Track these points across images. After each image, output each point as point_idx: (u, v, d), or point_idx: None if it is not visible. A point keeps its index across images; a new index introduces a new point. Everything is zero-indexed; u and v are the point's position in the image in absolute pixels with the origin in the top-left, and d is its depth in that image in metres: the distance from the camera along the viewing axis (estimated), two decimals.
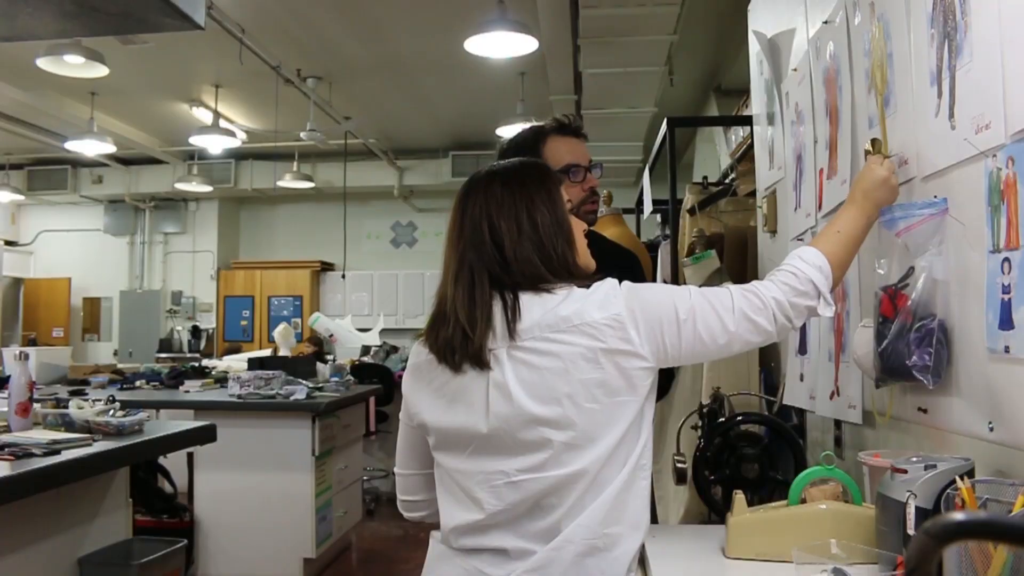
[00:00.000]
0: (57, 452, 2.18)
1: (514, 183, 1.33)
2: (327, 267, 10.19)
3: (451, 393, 1.29)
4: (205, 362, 6.08)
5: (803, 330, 2.08)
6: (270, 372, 4.28)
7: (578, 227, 1.37)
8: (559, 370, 1.22)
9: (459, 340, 1.26)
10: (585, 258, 1.36)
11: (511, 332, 1.24)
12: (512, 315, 1.24)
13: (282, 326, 6.76)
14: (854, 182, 1.47)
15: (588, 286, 1.28)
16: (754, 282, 1.32)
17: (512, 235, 1.28)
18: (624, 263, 1.96)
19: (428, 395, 1.32)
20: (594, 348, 1.21)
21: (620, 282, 1.29)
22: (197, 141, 7.01)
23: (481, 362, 1.24)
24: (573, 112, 6.68)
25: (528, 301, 1.26)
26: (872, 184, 1.42)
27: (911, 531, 1.12)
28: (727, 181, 3.62)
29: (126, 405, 2.73)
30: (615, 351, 1.22)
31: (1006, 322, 1.14)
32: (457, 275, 1.29)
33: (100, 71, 5.24)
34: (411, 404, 1.36)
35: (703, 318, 1.25)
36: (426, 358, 1.33)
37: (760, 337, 1.29)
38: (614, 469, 1.23)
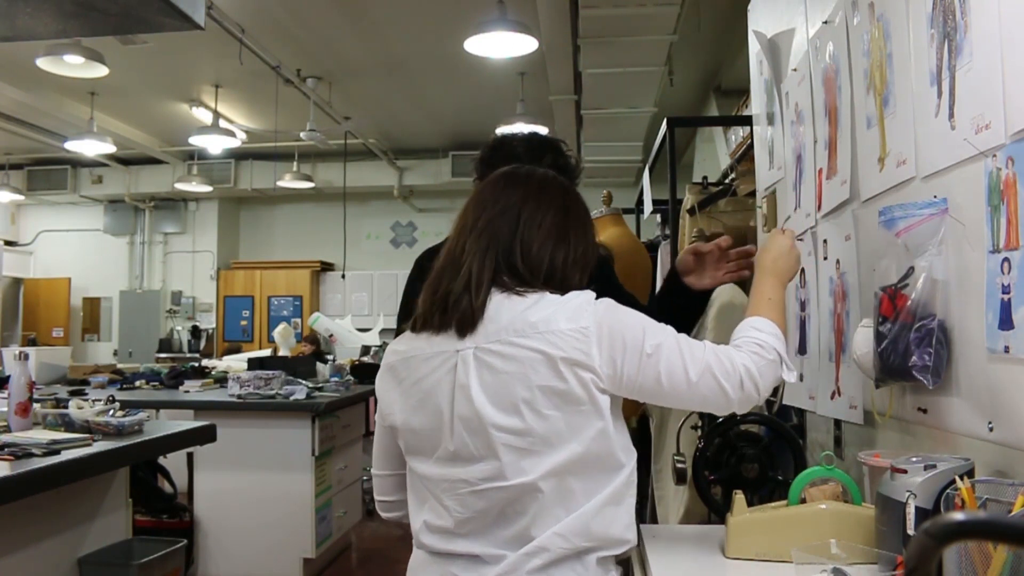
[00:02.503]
0: (57, 452, 2.18)
1: (573, 193, 1.40)
2: (327, 267, 10.19)
3: (420, 393, 1.28)
4: (205, 362, 6.08)
5: (803, 330, 2.08)
6: (270, 372, 4.27)
7: None
8: (519, 375, 1.21)
9: (459, 292, 1.26)
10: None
11: (474, 320, 1.24)
12: (481, 302, 1.25)
13: (282, 326, 6.76)
14: (760, 253, 1.52)
15: (563, 293, 1.28)
16: (725, 347, 1.29)
17: (549, 231, 1.31)
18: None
19: (399, 395, 1.32)
20: (554, 356, 1.20)
21: (598, 296, 1.29)
22: (197, 141, 7.01)
23: (472, 324, 1.24)
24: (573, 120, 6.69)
25: (499, 302, 1.26)
26: (779, 253, 1.48)
27: (911, 531, 1.12)
28: (727, 181, 3.62)
29: (126, 405, 2.73)
30: (574, 361, 1.20)
31: (1006, 322, 1.14)
32: (479, 236, 1.31)
33: (100, 71, 5.24)
34: (384, 404, 1.36)
35: (667, 359, 1.23)
36: (400, 358, 1.33)
37: (719, 399, 1.25)
38: (590, 483, 1.22)
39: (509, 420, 1.20)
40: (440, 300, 1.28)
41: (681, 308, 1.80)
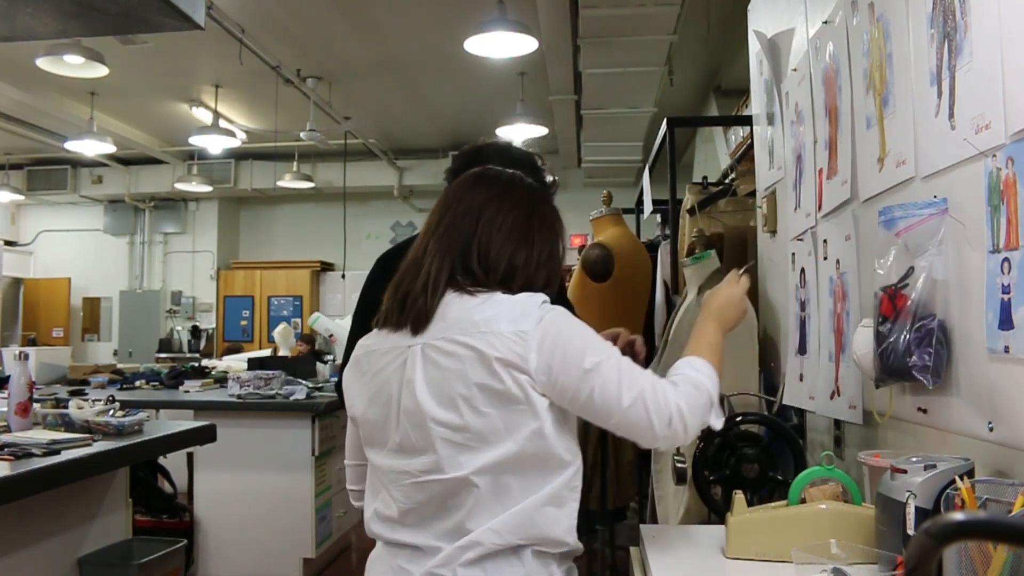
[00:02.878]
0: (57, 452, 2.18)
1: (542, 194, 1.40)
2: (327, 267, 10.19)
3: (375, 386, 1.32)
4: (205, 362, 6.07)
5: (803, 330, 2.08)
6: (270, 372, 4.27)
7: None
8: (459, 371, 1.24)
9: (417, 293, 1.29)
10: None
11: (426, 317, 1.27)
12: (432, 302, 1.28)
13: (282, 326, 6.76)
14: (710, 296, 1.50)
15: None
16: (663, 381, 1.28)
17: (511, 230, 1.32)
18: None
19: (360, 387, 1.36)
20: (489, 356, 1.22)
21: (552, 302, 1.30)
22: (197, 141, 7.01)
23: (424, 322, 1.28)
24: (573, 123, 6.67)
25: (450, 301, 1.28)
26: (727, 302, 1.48)
27: (911, 531, 1.12)
28: (727, 181, 3.62)
29: (126, 405, 2.72)
30: (508, 363, 1.22)
31: (1006, 322, 1.14)
32: (440, 238, 1.33)
33: (100, 71, 5.24)
34: (348, 396, 1.41)
35: (605, 377, 1.23)
36: (364, 352, 1.37)
37: (645, 430, 1.24)
38: (527, 481, 1.24)
39: (447, 415, 1.24)
40: (400, 299, 1.32)
41: None
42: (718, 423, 1.31)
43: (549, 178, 1.79)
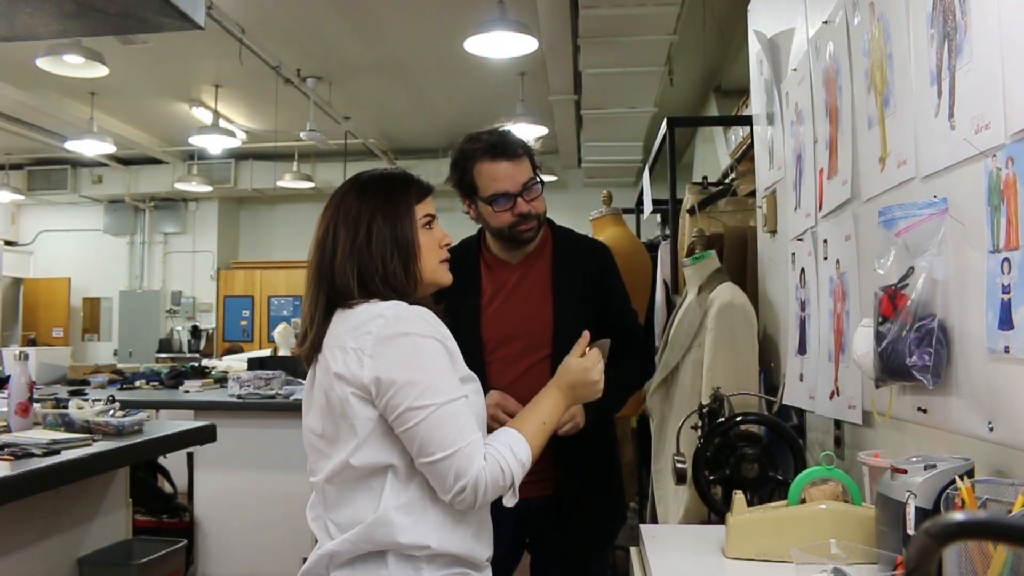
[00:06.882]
0: (57, 452, 2.18)
1: (367, 194, 1.38)
2: None
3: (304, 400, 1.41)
4: (205, 362, 6.06)
5: (803, 330, 2.08)
6: (270, 372, 4.27)
7: (431, 244, 1.40)
8: (318, 382, 1.32)
9: (306, 327, 1.37)
10: (434, 275, 1.40)
11: (316, 343, 1.33)
12: (320, 328, 1.33)
13: (282, 326, 6.74)
14: (561, 370, 1.44)
15: (428, 302, 1.36)
16: (480, 446, 1.26)
17: (345, 247, 1.34)
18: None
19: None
20: (330, 370, 1.28)
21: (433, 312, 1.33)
22: (197, 141, 7.01)
23: (308, 362, 1.37)
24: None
25: (338, 316, 1.32)
26: (581, 380, 1.42)
27: (911, 531, 1.12)
28: (727, 181, 3.62)
29: (126, 405, 2.72)
30: (340, 376, 1.26)
31: (1006, 322, 1.14)
32: (309, 280, 1.38)
33: (100, 71, 5.24)
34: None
35: (427, 425, 1.23)
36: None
37: (439, 485, 1.25)
38: (368, 491, 1.27)
39: (311, 422, 1.34)
40: (302, 331, 1.39)
41: None
42: (509, 502, 1.32)
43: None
